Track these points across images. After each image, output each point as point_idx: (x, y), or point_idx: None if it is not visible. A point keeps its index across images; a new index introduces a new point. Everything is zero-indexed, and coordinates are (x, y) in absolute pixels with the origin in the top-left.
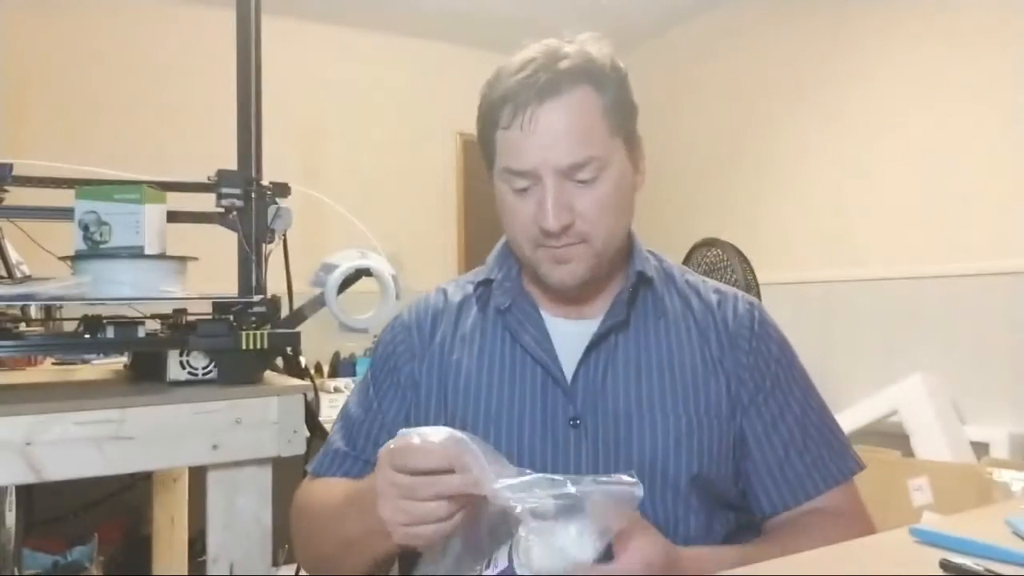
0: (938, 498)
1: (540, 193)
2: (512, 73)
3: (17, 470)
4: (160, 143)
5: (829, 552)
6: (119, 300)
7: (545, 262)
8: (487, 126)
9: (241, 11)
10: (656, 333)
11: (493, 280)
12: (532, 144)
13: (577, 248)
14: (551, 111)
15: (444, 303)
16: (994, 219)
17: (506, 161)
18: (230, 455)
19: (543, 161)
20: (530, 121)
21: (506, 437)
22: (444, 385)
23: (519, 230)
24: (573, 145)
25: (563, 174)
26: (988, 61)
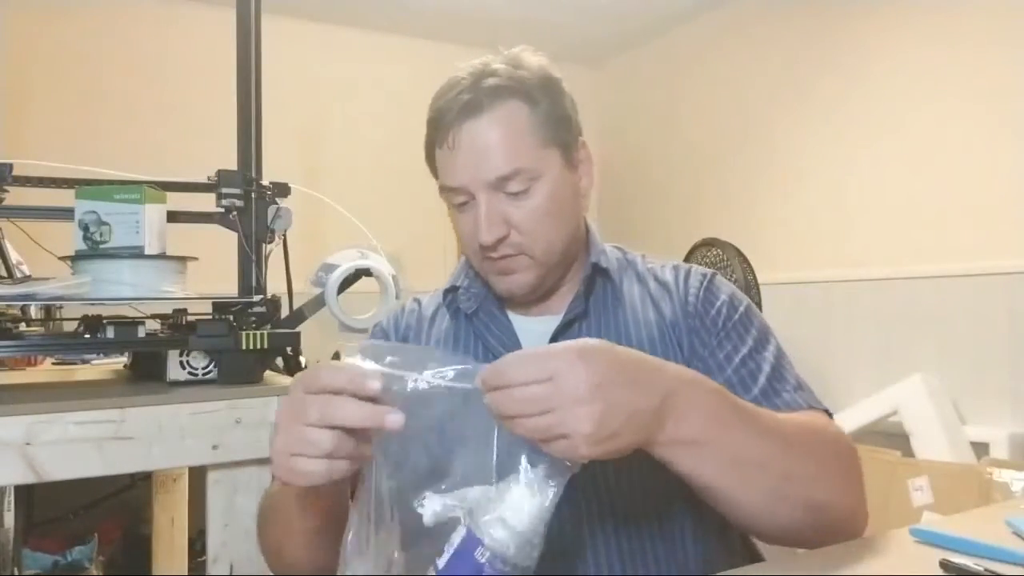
0: (938, 498)
1: (475, 208)
2: (442, 94)
3: (17, 470)
4: (160, 143)
5: (829, 552)
6: (119, 300)
7: (491, 274)
8: (428, 145)
9: (241, 11)
10: (616, 320)
11: (459, 287)
12: (460, 161)
13: (517, 260)
14: (474, 128)
15: (418, 313)
16: (994, 219)
17: (442, 179)
18: (230, 455)
19: (472, 178)
20: (455, 139)
21: None
22: None
23: (465, 244)
24: (499, 159)
25: (493, 188)
26: (988, 62)
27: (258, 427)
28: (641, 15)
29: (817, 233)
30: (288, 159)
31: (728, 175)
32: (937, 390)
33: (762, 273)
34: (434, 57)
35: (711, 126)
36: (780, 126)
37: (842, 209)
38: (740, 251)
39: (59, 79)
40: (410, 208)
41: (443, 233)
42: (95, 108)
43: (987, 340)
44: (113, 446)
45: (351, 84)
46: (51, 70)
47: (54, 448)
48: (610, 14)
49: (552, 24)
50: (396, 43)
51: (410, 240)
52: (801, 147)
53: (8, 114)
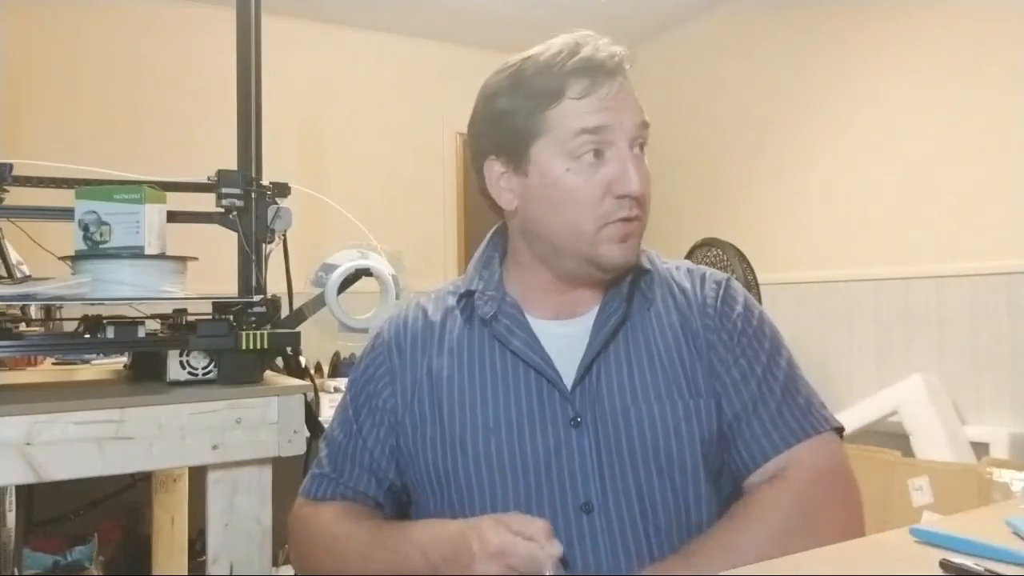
0: (938, 498)
1: (616, 161)
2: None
3: (17, 470)
4: (160, 143)
5: (829, 552)
6: (119, 300)
7: (606, 242)
8: (534, 104)
9: (241, 11)
10: (644, 323)
11: (475, 291)
12: (613, 106)
13: (637, 224)
14: (623, 82)
15: (424, 320)
16: (994, 219)
17: (581, 123)
18: (230, 455)
19: (622, 121)
20: (613, 88)
21: (507, 445)
22: (438, 404)
23: (583, 208)
24: (639, 109)
25: (634, 139)
26: (988, 63)
27: (258, 427)
28: (640, 16)
29: (817, 233)
30: (288, 159)
31: (728, 175)
32: (937, 390)
33: (762, 273)
34: (434, 57)
35: (711, 126)
36: (780, 126)
37: (842, 209)
38: (740, 251)
39: (59, 79)
40: (410, 208)
41: (443, 233)
42: (95, 108)
43: (987, 340)
44: (113, 446)
45: (351, 84)
46: (51, 70)
47: (54, 448)
48: (610, 14)
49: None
50: (396, 43)
51: (410, 240)
52: (801, 147)
53: (8, 114)
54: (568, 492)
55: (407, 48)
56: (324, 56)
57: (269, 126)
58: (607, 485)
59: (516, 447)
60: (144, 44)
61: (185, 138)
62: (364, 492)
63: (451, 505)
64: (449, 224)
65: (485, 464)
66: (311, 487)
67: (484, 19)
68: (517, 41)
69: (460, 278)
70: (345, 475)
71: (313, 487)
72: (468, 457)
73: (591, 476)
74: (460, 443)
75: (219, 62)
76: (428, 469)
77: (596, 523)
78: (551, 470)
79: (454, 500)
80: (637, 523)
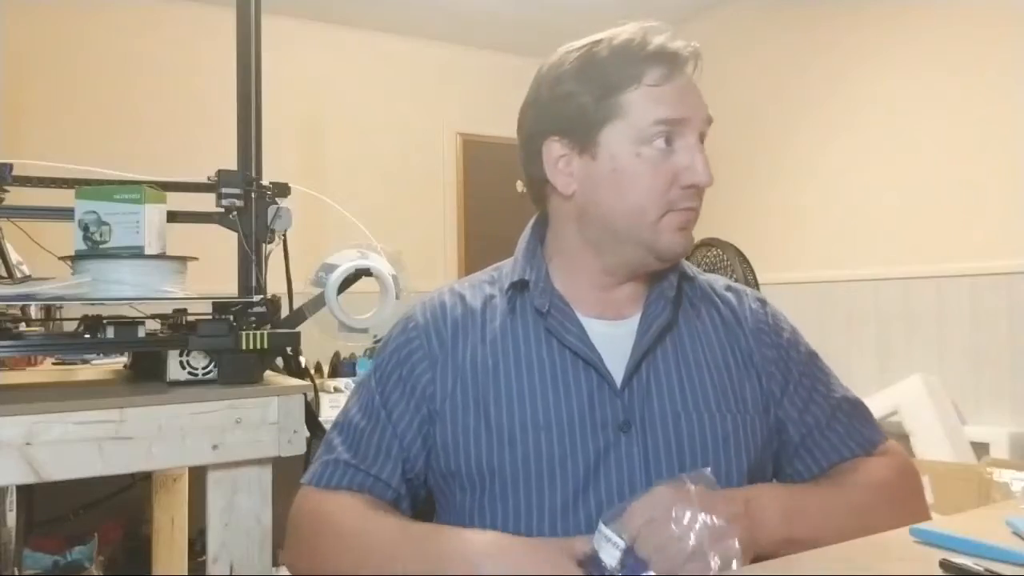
0: (938, 498)
1: (685, 151)
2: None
3: (17, 470)
4: (160, 143)
5: (829, 552)
6: (119, 300)
7: (667, 231)
8: (608, 87)
9: (241, 11)
10: (691, 332)
11: (529, 281)
12: (688, 98)
13: (695, 216)
14: (696, 75)
15: (463, 307)
16: (994, 219)
17: (659, 113)
18: (230, 455)
19: (696, 112)
20: (688, 79)
21: (557, 442)
22: (483, 398)
23: (648, 194)
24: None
25: (702, 131)
26: (988, 63)
27: (258, 427)
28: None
29: (817, 233)
30: (288, 159)
31: (728, 175)
32: (937, 390)
33: (762, 273)
34: (435, 57)
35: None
36: (780, 126)
37: (842, 209)
38: (740, 251)
39: (59, 79)
40: (410, 208)
41: (443, 233)
42: (95, 108)
43: (987, 340)
44: (113, 446)
45: (352, 84)
46: (52, 70)
47: (54, 448)
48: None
49: (552, 25)
50: (396, 43)
51: (410, 240)
52: (801, 147)
53: (8, 114)
54: (616, 497)
55: (407, 48)
56: (324, 56)
57: (269, 126)
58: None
59: (567, 447)
60: (144, 44)
61: (185, 138)
62: (386, 482)
63: (492, 501)
64: (449, 224)
65: (535, 462)
66: (321, 474)
67: (484, 19)
68: (517, 41)
69: (493, 268)
70: (368, 461)
71: (325, 474)
72: (516, 453)
73: (638, 483)
74: (509, 438)
75: (219, 62)
76: (469, 462)
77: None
78: (599, 474)
79: (496, 496)
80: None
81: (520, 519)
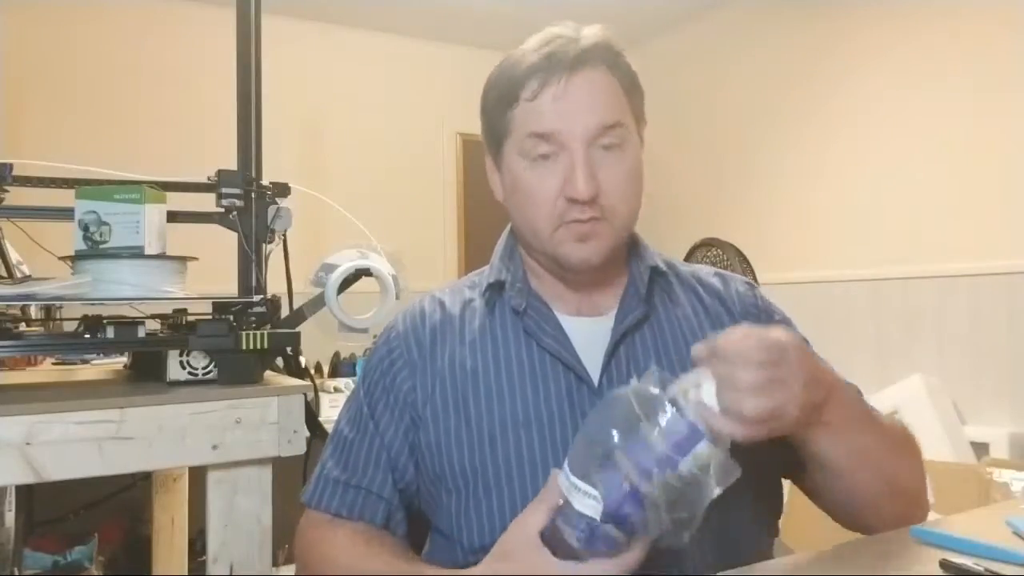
0: (938, 498)
1: (567, 162)
2: (536, 49)
3: (17, 470)
4: (160, 143)
5: (829, 552)
6: (119, 300)
7: (566, 242)
8: (501, 104)
9: (241, 11)
10: (671, 325)
11: (504, 281)
12: (562, 108)
13: (600, 224)
14: (581, 80)
15: (443, 313)
16: (994, 219)
17: (531, 126)
18: (230, 455)
19: (572, 124)
20: (563, 88)
21: (538, 441)
22: (463, 399)
23: (538, 208)
24: (603, 109)
25: (592, 140)
26: (988, 63)
27: (258, 427)
28: (641, 15)
29: (817, 233)
30: (288, 159)
31: (729, 175)
32: (937, 390)
33: (762, 273)
34: (435, 57)
35: (711, 126)
36: (780, 127)
37: (843, 209)
38: (740, 251)
39: (59, 79)
40: (410, 208)
41: (443, 233)
42: (95, 108)
43: (987, 340)
44: (113, 446)
45: (351, 84)
46: (51, 70)
47: (54, 448)
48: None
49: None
50: (396, 43)
51: (410, 240)
52: (801, 147)
53: (8, 114)
54: None
55: (407, 48)
56: (324, 56)
57: (269, 126)
58: None
59: (548, 443)
60: (144, 44)
61: (185, 138)
62: (377, 494)
63: (477, 503)
64: (449, 224)
65: (516, 459)
66: (316, 494)
67: (484, 19)
68: (517, 41)
69: (476, 272)
70: (357, 475)
71: (317, 493)
72: (498, 452)
73: None
74: (489, 437)
75: (219, 62)
76: (452, 464)
77: None
78: None
79: (481, 497)
80: None
81: (506, 518)
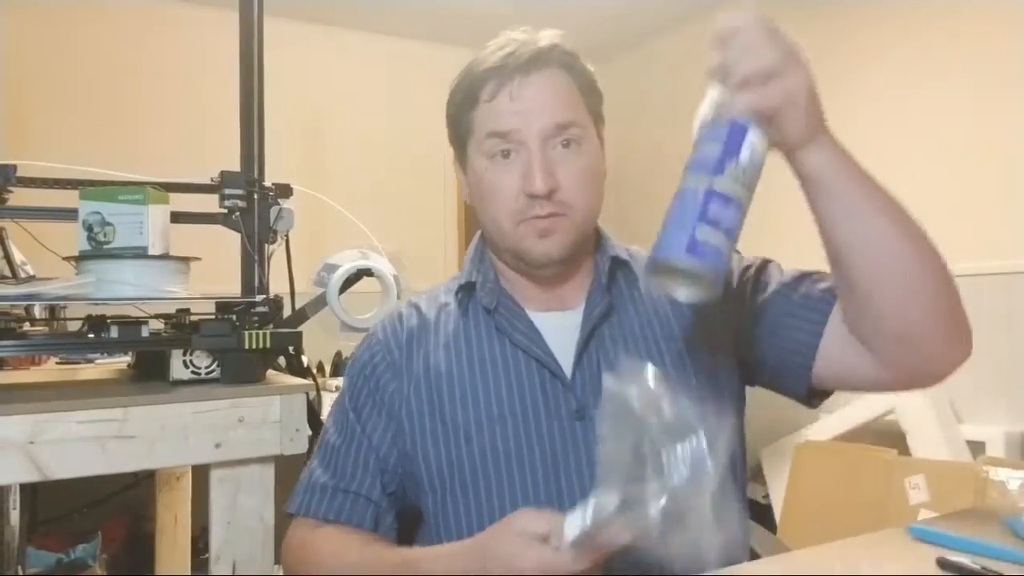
0: (935, 496)
1: (525, 159)
2: (493, 52)
3: (21, 469)
4: (163, 144)
5: (827, 551)
6: (123, 300)
7: (528, 237)
8: (463, 107)
9: (244, 13)
10: (638, 313)
11: (475, 282)
12: (519, 108)
13: (560, 220)
14: (537, 81)
15: (418, 317)
16: (991, 219)
17: (490, 126)
18: (233, 454)
19: (529, 123)
20: (518, 88)
21: (513, 437)
22: (437, 398)
23: (500, 206)
24: (559, 108)
25: (548, 138)
26: (987, 64)
27: (260, 426)
28: (640, 15)
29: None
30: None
31: None
32: (934, 389)
33: None
34: (434, 59)
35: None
36: None
37: None
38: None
39: (63, 81)
40: (411, 208)
41: (443, 233)
42: (99, 110)
43: (984, 339)
44: (116, 445)
45: (353, 86)
46: (55, 72)
47: (58, 447)
48: (609, 15)
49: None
50: (396, 45)
51: (411, 240)
52: None
53: (12, 116)
54: (576, 487)
55: (408, 50)
56: (326, 58)
57: (271, 127)
58: None
59: (523, 438)
60: (148, 46)
61: (188, 139)
62: (367, 496)
63: (455, 502)
64: (450, 224)
65: (491, 455)
66: (303, 500)
67: (484, 21)
68: None
69: (452, 278)
70: (346, 479)
71: (305, 501)
72: (474, 448)
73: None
74: (465, 435)
75: (222, 64)
76: (430, 463)
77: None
78: (558, 463)
79: (458, 495)
80: None
81: (483, 515)
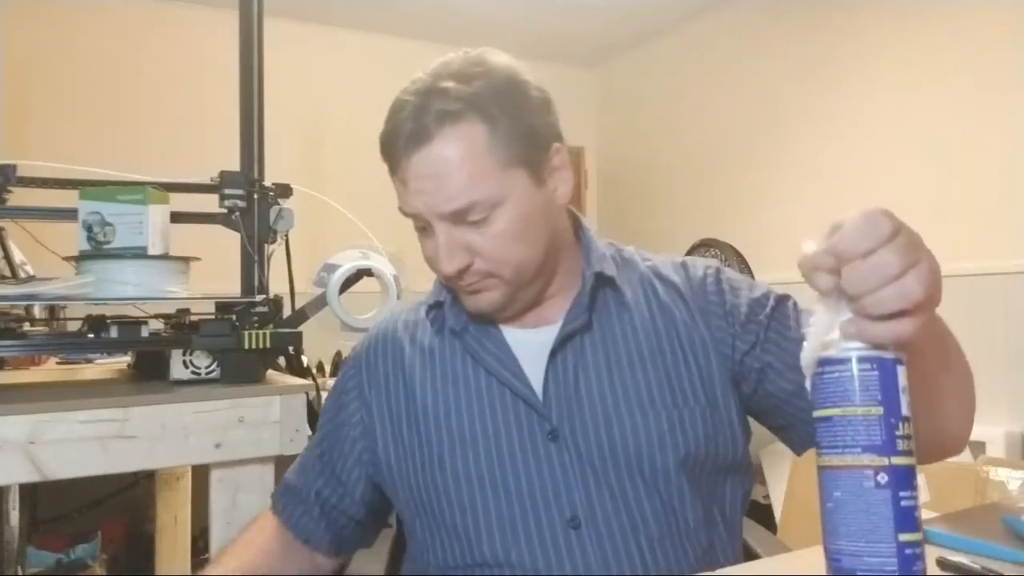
0: (935, 496)
1: (434, 235)
2: (390, 118)
3: (21, 469)
4: (163, 144)
5: None
6: (123, 300)
7: (461, 292)
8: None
9: (244, 13)
10: (622, 330)
11: (443, 302)
12: (414, 189)
13: (487, 281)
14: (423, 159)
15: (400, 332)
16: (991, 219)
17: (400, 202)
18: (233, 454)
19: (426, 207)
20: (409, 171)
21: (485, 460)
22: (415, 417)
23: (431, 266)
24: (453, 191)
25: (450, 220)
26: (987, 64)
27: (260, 426)
28: (640, 16)
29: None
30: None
31: (727, 176)
32: None
33: (760, 273)
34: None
35: (710, 127)
36: (779, 127)
37: (841, 209)
38: (739, 251)
39: (62, 81)
40: None
41: None
42: (98, 109)
43: (983, 339)
44: (117, 445)
45: (352, 86)
46: (55, 72)
47: (58, 447)
48: (609, 16)
49: (551, 26)
50: (396, 45)
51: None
52: (799, 147)
53: (11, 115)
54: (554, 508)
55: (408, 50)
56: (326, 58)
57: (271, 127)
58: (593, 499)
59: (495, 461)
60: (147, 46)
61: (188, 139)
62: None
63: (433, 522)
64: None
65: (464, 480)
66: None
67: (484, 22)
68: (518, 44)
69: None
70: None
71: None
72: (447, 473)
73: (575, 490)
74: (438, 458)
75: (222, 64)
76: (410, 487)
77: (585, 538)
78: (533, 485)
79: (438, 519)
80: (628, 535)
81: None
